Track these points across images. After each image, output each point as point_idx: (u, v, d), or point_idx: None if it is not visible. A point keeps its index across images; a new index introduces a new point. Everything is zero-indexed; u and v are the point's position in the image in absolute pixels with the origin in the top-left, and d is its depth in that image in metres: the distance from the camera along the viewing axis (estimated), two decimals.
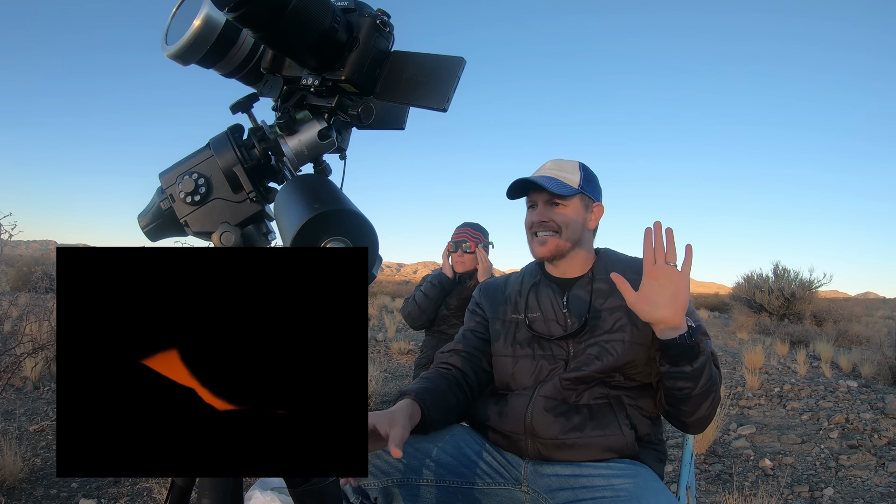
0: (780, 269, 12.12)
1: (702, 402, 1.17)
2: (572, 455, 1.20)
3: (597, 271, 1.36)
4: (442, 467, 1.21)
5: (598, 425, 1.21)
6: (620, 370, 1.24)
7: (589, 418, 1.22)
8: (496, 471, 1.25)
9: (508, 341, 1.36)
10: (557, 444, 1.21)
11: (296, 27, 0.59)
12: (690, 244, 1.16)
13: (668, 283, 1.13)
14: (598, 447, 1.19)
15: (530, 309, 1.37)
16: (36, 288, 7.82)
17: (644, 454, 1.23)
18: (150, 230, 0.73)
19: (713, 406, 1.19)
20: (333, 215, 0.56)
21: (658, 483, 1.15)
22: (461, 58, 0.63)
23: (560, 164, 1.38)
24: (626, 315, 1.25)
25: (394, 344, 7.00)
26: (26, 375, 4.01)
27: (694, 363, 1.12)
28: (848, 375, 5.78)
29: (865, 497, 2.73)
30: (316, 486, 0.71)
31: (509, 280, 1.48)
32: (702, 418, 1.20)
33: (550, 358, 1.29)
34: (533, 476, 1.22)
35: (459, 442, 1.27)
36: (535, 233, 1.37)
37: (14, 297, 8.17)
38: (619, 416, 1.22)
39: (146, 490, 2.47)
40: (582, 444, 1.20)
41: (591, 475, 1.15)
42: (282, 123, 0.69)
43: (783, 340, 8.65)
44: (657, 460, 1.26)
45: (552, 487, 1.18)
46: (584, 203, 1.37)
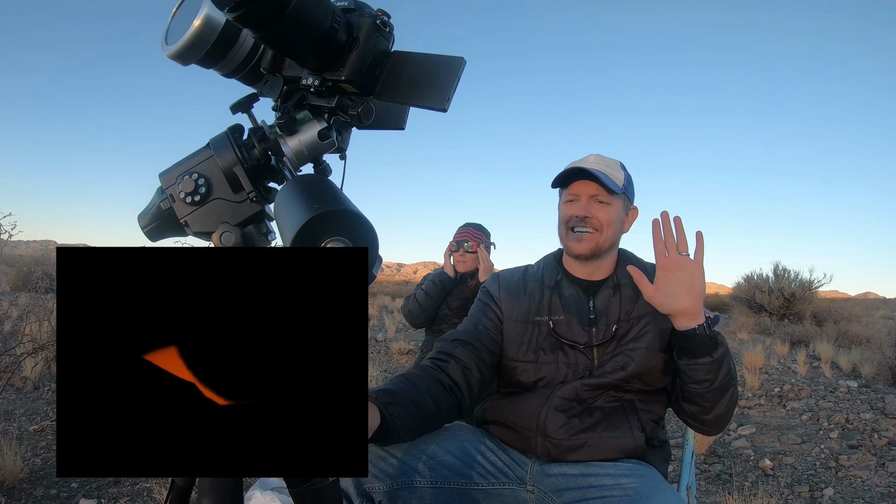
0: (780, 269, 12.12)
1: (721, 396, 1.14)
2: (581, 455, 1.19)
3: (621, 275, 1.30)
4: (445, 468, 1.19)
5: (609, 426, 1.20)
6: (640, 377, 1.23)
7: (601, 420, 1.20)
8: (500, 470, 1.23)
9: (532, 346, 1.28)
10: (569, 444, 1.19)
11: (296, 27, 0.58)
12: (701, 231, 1.13)
13: (682, 274, 1.12)
14: (608, 448, 1.19)
15: (554, 311, 1.29)
16: (36, 288, 7.81)
17: (651, 455, 1.22)
18: (151, 230, 0.73)
19: (732, 402, 1.16)
20: (333, 215, 0.56)
21: (665, 484, 1.15)
22: (461, 58, 0.63)
23: (605, 161, 1.31)
24: (653, 321, 1.23)
25: (394, 344, 6.99)
26: (26, 375, 4.01)
27: (714, 353, 1.10)
28: (848, 375, 5.78)
29: (865, 497, 2.73)
30: (316, 486, 0.71)
31: (528, 274, 1.38)
32: (721, 415, 1.17)
33: (574, 365, 1.25)
34: (539, 476, 1.21)
35: (462, 441, 1.25)
36: (572, 227, 1.28)
37: (14, 297, 8.16)
38: (632, 419, 1.21)
39: (146, 490, 2.46)
40: (593, 444, 1.19)
41: (599, 474, 1.15)
42: (282, 123, 0.69)
43: (783, 340, 8.65)
44: (663, 460, 1.26)
45: (559, 487, 1.17)
46: (624, 205, 1.32)
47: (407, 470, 1.17)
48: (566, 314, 1.28)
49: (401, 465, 1.18)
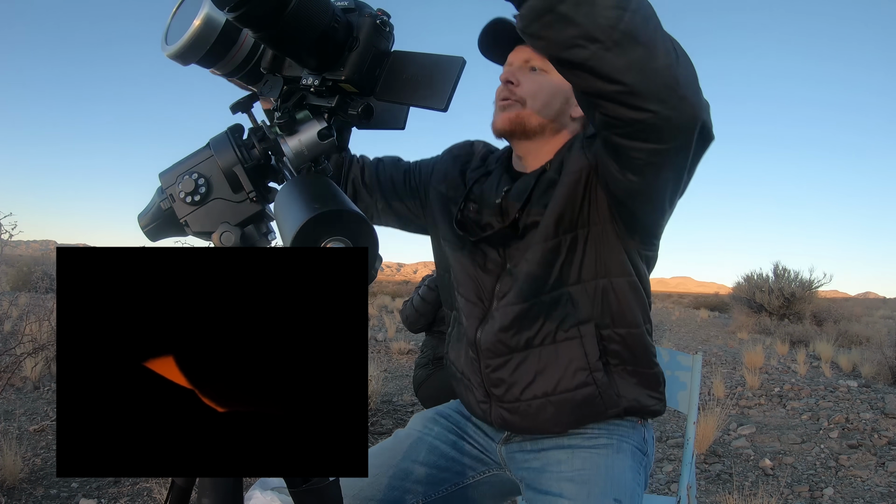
0: (780, 269, 12.12)
1: (619, 52, 0.70)
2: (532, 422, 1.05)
3: (555, 166, 1.02)
4: (425, 484, 1.11)
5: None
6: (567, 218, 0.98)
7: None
8: (479, 459, 1.15)
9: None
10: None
11: (296, 27, 0.58)
12: None
13: None
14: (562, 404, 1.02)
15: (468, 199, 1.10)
16: (36, 288, 7.82)
17: (614, 386, 1.02)
18: (150, 230, 0.73)
19: (655, 49, 0.72)
20: (333, 215, 0.56)
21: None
22: (461, 58, 0.63)
23: None
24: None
25: (394, 344, 6.99)
26: (26, 375, 4.01)
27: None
28: (848, 375, 5.78)
29: (865, 497, 2.73)
30: (316, 486, 0.71)
31: (485, 158, 1.16)
32: (649, 70, 0.72)
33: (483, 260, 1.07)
34: (508, 457, 1.11)
35: (434, 442, 1.15)
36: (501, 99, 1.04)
37: (14, 297, 8.16)
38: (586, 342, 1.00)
39: (146, 490, 2.46)
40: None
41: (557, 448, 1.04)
42: (282, 123, 0.69)
43: (783, 340, 8.65)
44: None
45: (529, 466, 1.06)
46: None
47: (394, 499, 1.08)
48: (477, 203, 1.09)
49: (380, 498, 1.07)
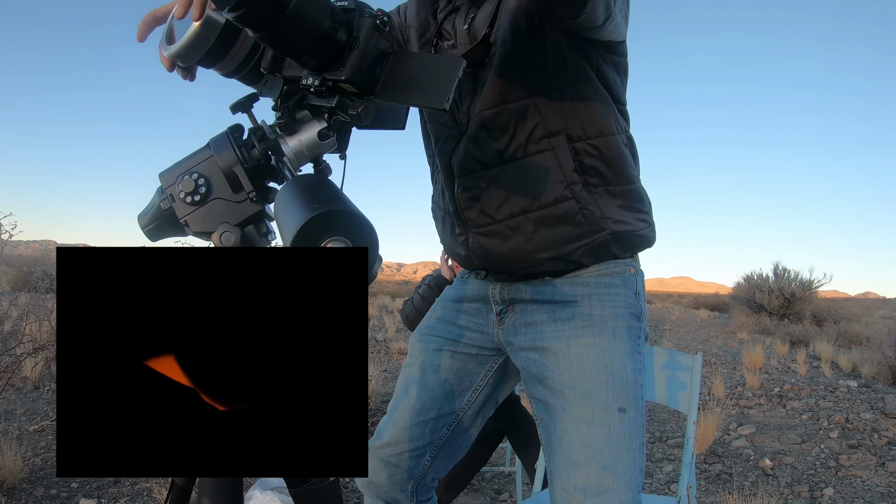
0: (780, 269, 12.12)
1: None
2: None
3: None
4: (448, 403, 1.08)
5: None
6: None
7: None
8: (481, 358, 1.10)
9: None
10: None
11: (296, 28, 0.58)
12: None
13: None
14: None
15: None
16: (36, 288, 7.82)
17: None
18: (150, 230, 0.73)
19: None
20: (333, 215, 0.56)
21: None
22: (461, 58, 0.63)
23: None
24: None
25: (394, 344, 6.99)
26: (26, 375, 4.01)
27: None
28: (848, 375, 5.78)
29: (865, 497, 2.73)
30: (316, 486, 0.71)
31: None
32: None
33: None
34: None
35: (435, 361, 1.09)
36: None
37: (14, 297, 8.16)
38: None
39: (146, 490, 2.46)
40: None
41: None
42: (282, 123, 0.69)
43: (783, 340, 8.65)
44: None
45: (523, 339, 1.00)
46: None
47: (427, 432, 1.07)
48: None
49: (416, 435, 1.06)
